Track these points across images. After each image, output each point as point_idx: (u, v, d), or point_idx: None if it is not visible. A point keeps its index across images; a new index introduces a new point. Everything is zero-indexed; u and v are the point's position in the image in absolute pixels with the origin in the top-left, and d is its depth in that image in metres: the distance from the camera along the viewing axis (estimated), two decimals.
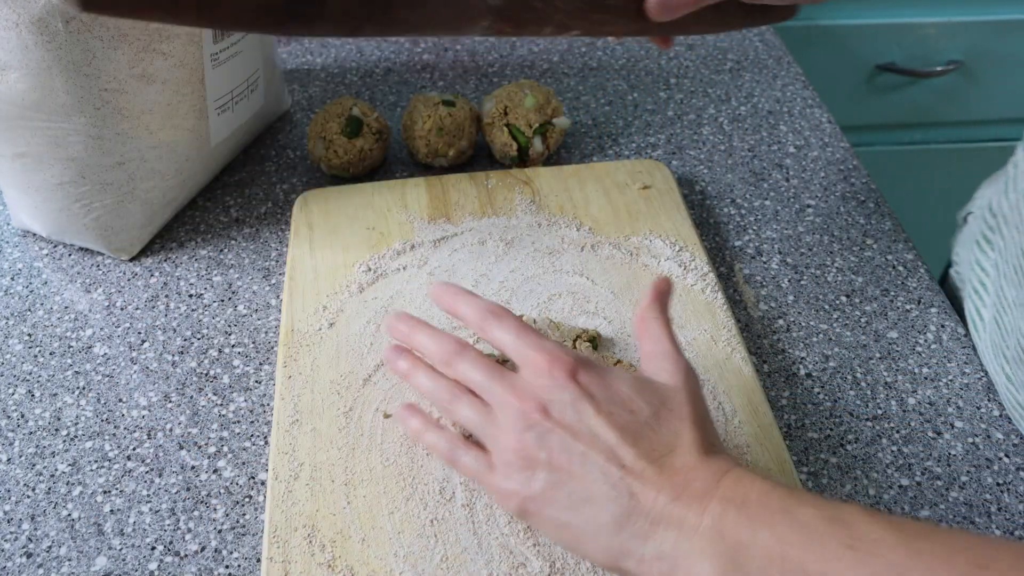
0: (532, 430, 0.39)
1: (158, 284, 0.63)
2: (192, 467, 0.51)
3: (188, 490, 0.50)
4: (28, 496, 0.50)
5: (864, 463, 0.51)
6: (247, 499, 0.50)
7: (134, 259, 0.65)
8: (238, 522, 0.49)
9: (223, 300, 0.62)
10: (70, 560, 0.47)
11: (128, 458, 0.52)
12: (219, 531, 0.48)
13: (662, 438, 0.38)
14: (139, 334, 0.59)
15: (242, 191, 0.71)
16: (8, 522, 0.49)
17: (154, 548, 0.48)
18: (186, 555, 0.47)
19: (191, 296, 0.62)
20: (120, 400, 0.55)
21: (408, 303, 0.58)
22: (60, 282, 0.63)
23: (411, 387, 0.48)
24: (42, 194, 0.61)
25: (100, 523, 0.49)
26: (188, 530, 0.48)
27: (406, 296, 0.58)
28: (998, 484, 0.50)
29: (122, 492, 0.50)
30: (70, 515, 0.49)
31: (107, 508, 0.49)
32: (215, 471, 0.51)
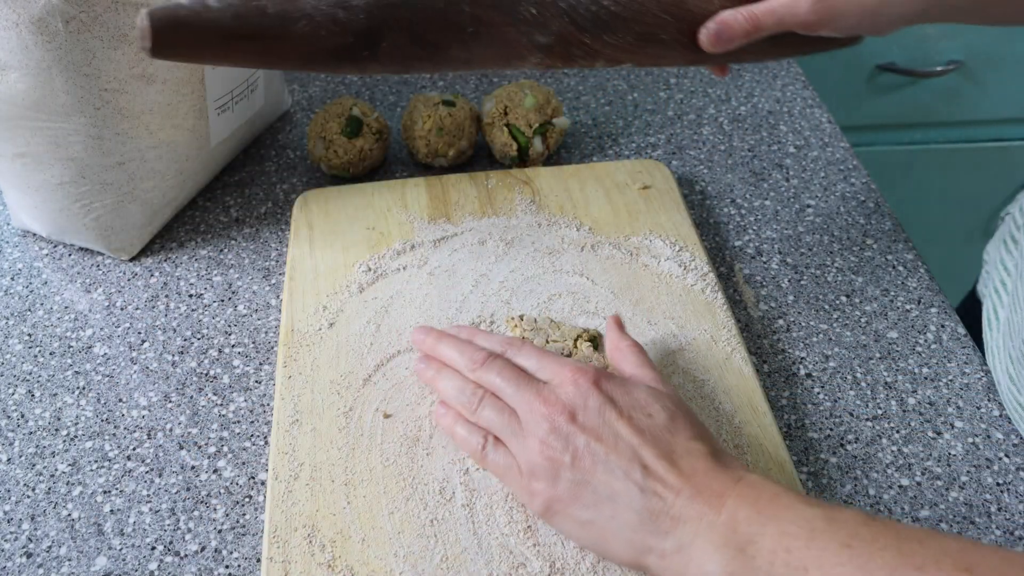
0: (558, 433, 0.41)
1: (158, 284, 0.63)
2: (192, 467, 0.51)
3: (188, 490, 0.50)
4: (28, 496, 0.50)
5: (864, 463, 0.51)
6: (247, 499, 0.50)
7: (134, 259, 0.65)
8: (238, 522, 0.49)
9: (223, 300, 0.62)
10: (70, 560, 0.47)
11: (128, 458, 0.52)
12: (219, 531, 0.48)
13: (679, 442, 0.41)
14: (139, 334, 0.59)
15: (242, 191, 0.71)
16: (8, 522, 0.49)
17: (154, 548, 0.48)
18: (186, 555, 0.47)
19: (191, 296, 0.62)
20: (120, 400, 0.55)
21: (408, 303, 0.58)
22: (60, 282, 0.63)
23: (435, 392, 0.50)
24: (42, 194, 0.61)
25: (100, 523, 0.49)
26: (188, 530, 0.48)
27: (406, 296, 0.58)
28: (998, 484, 0.50)
29: (122, 492, 0.50)
30: (70, 515, 0.49)
31: (107, 508, 0.50)
32: (215, 471, 0.51)
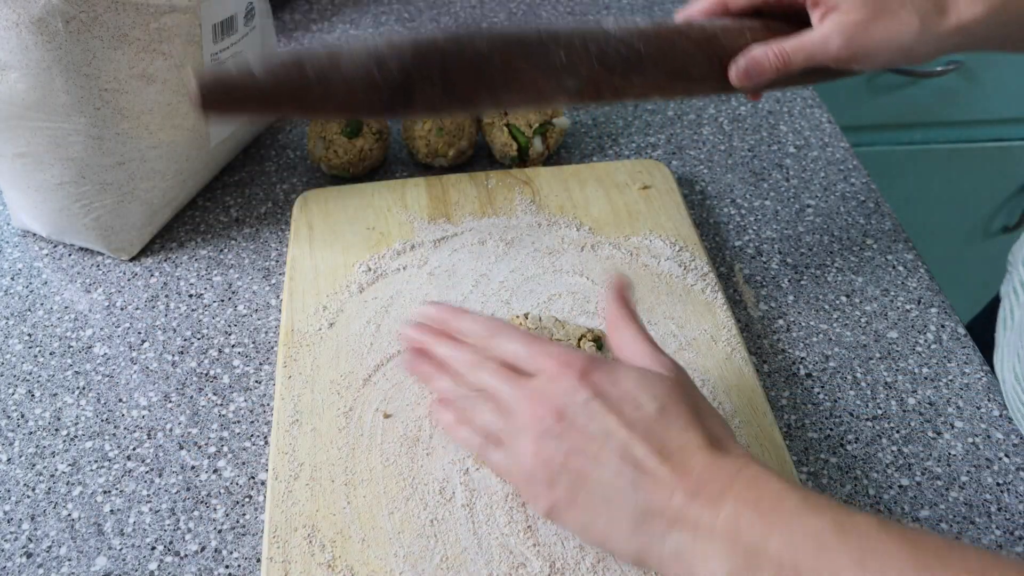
0: (548, 435, 0.39)
1: (158, 284, 0.63)
2: (192, 467, 0.51)
3: (188, 490, 0.50)
4: (28, 496, 0.50)
5: (864, 463, 0.51)
6: (247, 499, 0.50)
7: (134, 259, 0.65)
8: (238, 522, 0.49)
9: (223, 300, 0.62)
10: (70, 560, 0.47)
11: (128, 458, 0.52)
12: (219, 531, 0.48)
13: (671, 434, 0.38)
14: (139, 334, 0.59)
15: (242, 191, 0.71)
16: (8, 522, 0.49)
17: (154, 548, 0.48)
18: (186, 555, 0.47)
19: (191, 296, 0.62)
20: (120, 400, 0.55)
21: (408, 303, 0.58)
22: (60, 282, 0.63)
23: (429, 390, 0.49)
24: (42, 194, 0.61)
25: (100, 523, 0.49)
26: (188, 530, 0.48)
27: (406, 296, 0.58)
28: (998, 484, 0.50)
29: (122, 492, 0.50)
30: (70, 515, 0.49)
31: (107, 508, 0.50)
32: (215, 471, 0.51)
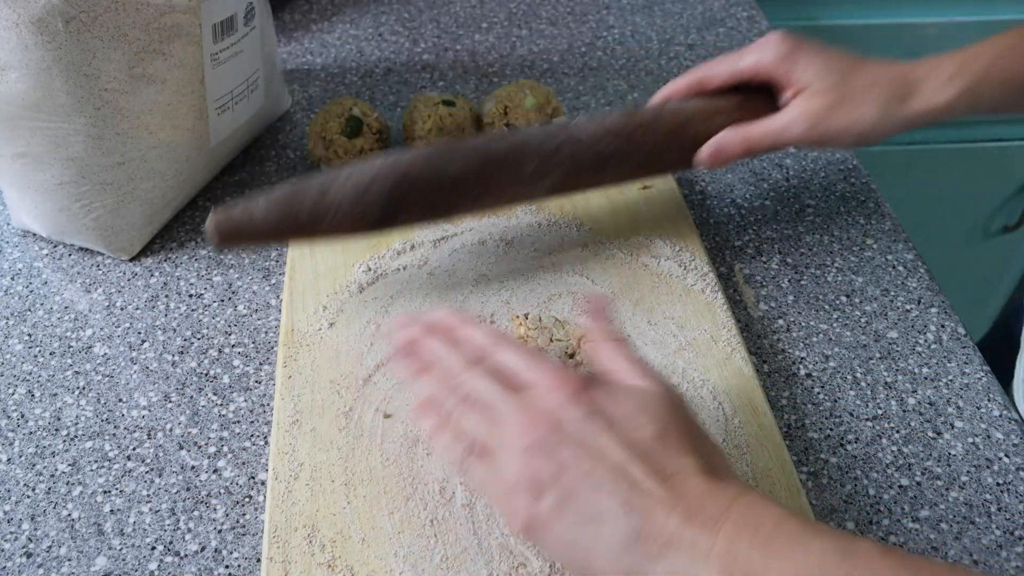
0: (540, 446, 0.38)
1: (158, 284, 0.63)
2: (192, 467, 0.51)
3: (188, 490, 0.50)
4: (28, 496, 0.50)
5: (864, 463, 0.51)
6: (247, 499, 0.50)
7: (134, 259, 0.65)
8: (238, 522, 0.49)
9: (223, 300, 0.62)
10: (70, 560, 0.47)
11: (128, 458, 0.52)
12: (219, 531, 0.48)
13: (670, 457, 0.38)
14: (139, 334, 0.59)
15: (242, 191, 0.70)
16: (8, 522, 0.49)
17: (154, 548, 0.48)
18: (186, 555, 0.47)
19: (191, 296, 0.62)
20: (120, 400, 0.55)
21: (408, 303, 0.58)
22: (60, 282, 0.63)
23: (415, 391, 0.48)
24: (42, 194, 0.61)
25: (100, 523, 0.49)
26: (188, 530, 0.48)
27: (406, 296, 0.58)
28: (998, 484, 0.50)
29: (122, 492, 0.50)
30: (70, 515, 0.49)
31: (107, 508, 0.50)
32: (215, 471, 0.51)
